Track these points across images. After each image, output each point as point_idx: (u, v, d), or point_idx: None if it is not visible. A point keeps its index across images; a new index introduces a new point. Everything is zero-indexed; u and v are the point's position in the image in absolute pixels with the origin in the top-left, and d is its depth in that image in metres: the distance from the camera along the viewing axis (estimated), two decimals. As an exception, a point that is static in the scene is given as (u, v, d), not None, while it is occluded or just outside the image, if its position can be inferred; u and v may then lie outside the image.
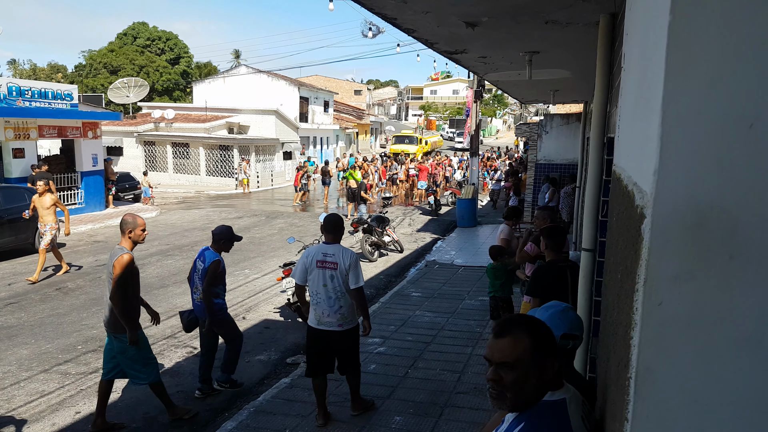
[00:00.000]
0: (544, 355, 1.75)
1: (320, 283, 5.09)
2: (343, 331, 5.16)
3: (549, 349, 1.78)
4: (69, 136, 18.15)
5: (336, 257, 5.11)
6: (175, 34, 57.73)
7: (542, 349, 1.75)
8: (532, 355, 1.72)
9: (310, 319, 5.25)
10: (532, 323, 1.83)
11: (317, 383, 5.28)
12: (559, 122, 16.05)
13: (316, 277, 5.11)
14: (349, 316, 5.17)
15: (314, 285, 5.13)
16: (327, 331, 5.14)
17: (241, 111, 32.49)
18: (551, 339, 1.83)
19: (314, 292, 5.14)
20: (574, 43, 5.16)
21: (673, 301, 1.16)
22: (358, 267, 5.15)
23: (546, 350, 1.76)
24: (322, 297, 5.09)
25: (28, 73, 56.73)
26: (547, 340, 1.80)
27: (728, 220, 1.10)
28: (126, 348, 5.28)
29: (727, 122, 1.08)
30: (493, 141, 64.84)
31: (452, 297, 9.99)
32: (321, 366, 5.25)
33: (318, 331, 5.18)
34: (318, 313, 5.14)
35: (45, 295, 9.71)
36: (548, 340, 1.81)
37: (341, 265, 5.08)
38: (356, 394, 5.50)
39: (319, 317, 5.15)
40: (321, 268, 5.10)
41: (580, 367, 3.80)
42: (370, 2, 3.69)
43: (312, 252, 5.21)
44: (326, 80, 61.60)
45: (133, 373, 5.38)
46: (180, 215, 19.27)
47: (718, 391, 1.14)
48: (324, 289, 5.08)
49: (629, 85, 2.06)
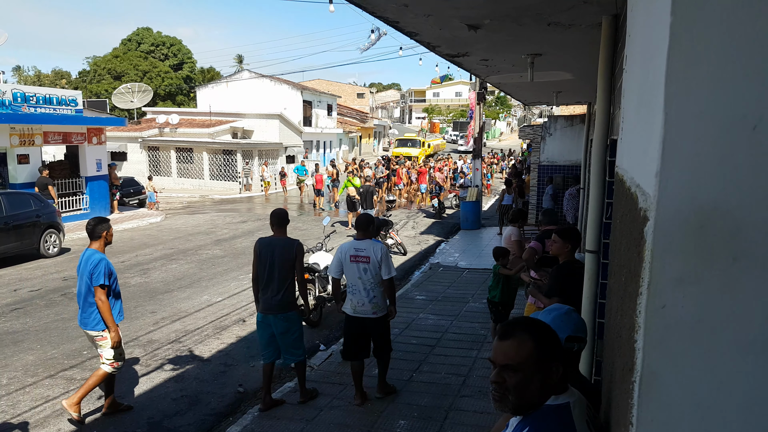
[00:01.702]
0: (548, 359, 1.73)
1: (355, 276, 5.60)
2: (377, 318, 5.66)
3: (553, 353, 1.76)
4: (74, 141, 18.22)
5: (368, 251, 5.58)
6: (178, 40, 57.99)
7: (546, 352, 1.73)
8: (537, 358, 1.71)
9: (345, 307, 5.74)
10: (537, 326, 1.82)
11: (355, 367, 5.75)
12: (562, 124, 16.03)
13: (351, 271, 5.62)
14: (381, 304, 5.68)
15: (350, 278, 5.66)
16: (363, 318, 5.64)
17: (244, 115, 32.57)
18: (556, 342, 1.81)
19: (350, 284, 5.67)
20: (577, 45, 5.15)
21: (677, 304, 1.15)
22: (388, 259, 5.65)
23: (550, 353, 1.75)
24: (358, 288, 5.60)
25: (32, 80, 57.03)
26: (551, 343, 1.78)
27: (731, 222, 1.09)
28: (290, 327, 5.69)
29: (730, 124, 1.07)
30: (497, 143, 64.80)
31: (456, 300, 9.97)
32: (357, 350, 5.73)
33: (354, 318, 5.68)
34: (354, 302, 5.64)
35: (50, 300, 9.73)
36: (553, 343, 1.79)
37: (373, 258, 5.56)
38: (383, 378, 5.98)
39: (354, 306, 5.65)
40: (355, 262, 5.60)
41: (586, 371, 3.78)
42: (372, 6, 3.70)
43: (345, 248, 5.70)
44: (329, 84, 61.72)
45: (292, 351, 5.75)
46: (184, 220, 19.32)
47: (724, 394, 1.13)
48: (359, 281, 5.59)
49: (631, 86, 2.05)
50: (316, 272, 8.53)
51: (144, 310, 9.12)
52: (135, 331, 8.17)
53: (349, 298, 5.71)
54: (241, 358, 7.33)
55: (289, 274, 5.62)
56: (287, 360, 5.81)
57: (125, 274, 11.56)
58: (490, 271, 10.07)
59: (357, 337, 5.72)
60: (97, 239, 5.47)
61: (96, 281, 5.28)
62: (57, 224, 13.72)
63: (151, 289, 10.41)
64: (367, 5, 3.66)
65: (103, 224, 5.49)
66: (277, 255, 5.57)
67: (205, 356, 7.37)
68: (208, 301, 9.71)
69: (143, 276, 11.40)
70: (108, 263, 5.40)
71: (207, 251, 13.98)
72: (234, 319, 8.80)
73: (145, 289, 10.33)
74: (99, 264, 5.30)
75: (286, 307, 5.62)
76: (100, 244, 5.47)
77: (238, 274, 11.63)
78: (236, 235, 16.29)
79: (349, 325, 5.75)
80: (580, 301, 4.06)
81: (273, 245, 5.61)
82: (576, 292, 4.15)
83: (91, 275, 5.30)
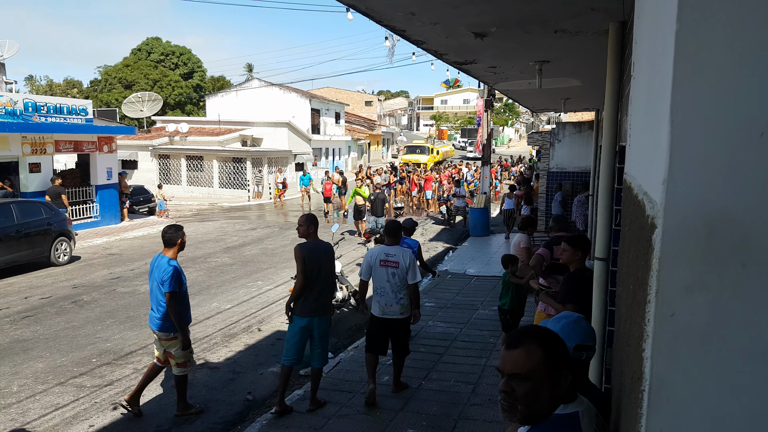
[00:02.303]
0: (556, 367, 1.71)
1: (384, 279, 5.89)
2: (402, 319, 6.03)
3: (562, 361, 1.74)
4: (84, 150, 18.38)
5: (397, 257, 5.91)
6: (188, 49, 58.42)
7: (555, 361, 1.71)
8: (545, 367, 1.69)
9: (373, 309, 6.05)
10: (545, 334, 1.80)
11: (370, 359, 6.03)
12: (571, 130, 16.00)
13: (380, 274, 5.91)
14: (407, 306, 5.99)
15: (379, 281, 5.93)
16: (390, 319, 5.97)
17: (253, 124, 32.74)
18: (564, 351, 1.79)
19: (379, 287, 5.94)
20: (585, 51, 5.14)
21: (685, 312, 1.14)
22: (415, 265, 5.99)
23: (559, 362, 1.72)
24: (386, 290, 5.91)
25: (44, 89, 57.62)
26: (560, 352, 1.76)
27: (740, 228, 1.08)
28: (328, 330, 5.96)
29: (737, 131, 1.07)
30: (505, 150, 64.72)
31: (465, 307, 9.94)
32: (378, 346, 6.06)
33: (381, 320, 6.00)
34: (382, 304, 5.95)
35: (60, 308, 9.79)
36: (561, 352, 1.77)
37: (402, 263, 5.87)
38: (398, 377, 6.32)
39: (383, 308, 5.95)
40: (384, 266, 5.90)
41: (596, 379, 3.76)
42: (379, 15, 3.72)
43: (375, 253, 6.00)
44: (337, 92, 61.93)
45: (323, 354, 5.91)
46: (194, 227, 19.40)
47: (734, 403, 1.11)
48: (387, 284, 5.89)
49: (639, 93, 2.05)
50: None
51: (153, 317, 9.15)
52: (144, 338, 8.19)
53: (376, 300, 5.98)
54: (250, 366, 7.33)
55: (333, 277, 5.89)
56: (315, 363, 5.89)
57: (135, 281, 11.62)
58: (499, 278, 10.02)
59: (380, 336, 6.05)
60: (172, 246, 5.68)
61: (166, 288, 5.46)
62: (68, 232, 13.81)
63: (160, 296, 10.45)
64: (374, 14, 3.69)
65: (178, 232, 5.71)
66: (324, 259, 5.75)
67: (213, 364, 7.38)
68: (217, 309, 9.73)
69: (153, 284, 11.44)
70: (180, 271, 5.60)
71: (216, 259, 14.02)
72: (243, 327, 8.82)
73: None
74: (170, 272, 5.49)
75: (328, 310, 5.92)
76: (174, 252, 5.68)
77: (247, 282, 11.66)
78: (245, 242, 16.34)
79: (375, 324, 6.05)
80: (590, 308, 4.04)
81: (318, 250, 5.76)
82: (589, 299, 4.14)
83: (162, 282, 5.49)
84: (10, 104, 15.99)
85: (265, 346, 8.06)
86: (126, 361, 7.42)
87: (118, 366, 7.24)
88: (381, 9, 3.61)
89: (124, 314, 9.37)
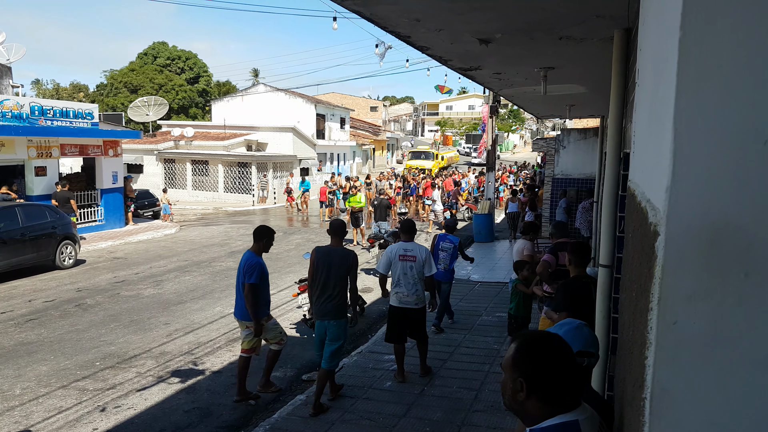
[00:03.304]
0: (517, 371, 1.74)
1: (402, 272, 6.49)
2: (418, 309, 6.61)
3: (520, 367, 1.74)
4: (90, 154, 18.47)
5: (415, 252, 6.52)
6: (194, 54, 58.64)
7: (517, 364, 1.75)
8: (510, 365, 1.78)
9: (392, 300, 6.62)
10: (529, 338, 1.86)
11: (398, 348, 6.68)
12: (576, 137, 15.97)
13: (398, 267, 6.50)
14: (422, 297, 6.62)
15: (397, 273, 6.51)
16: (406, 308, 6.55)
17: (259, 128, 32.82)
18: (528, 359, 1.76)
19: (397, 279, 6.52)
20: (590, 58, 5.14)
21: (688, 320, 1.14)
22: (431, 259, 6.61)
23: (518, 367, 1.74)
24: (403, 282, 6.49)
25: (51, 93, 57.94)
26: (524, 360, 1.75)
27: (743, 237, 1.08)
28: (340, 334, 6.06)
29: (741, 139, 1.07)
30: (510, 156, 64.69)
31: (469, 313, 9.92)
32: (398, 335, 6.63)
33: (399, 309, 6.58)
34: (400, 295, 6.53)
35: (64, 311, 9.81)
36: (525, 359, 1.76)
37: (419, 258, 6.49)
38: (424, 360, 6.91)
39: (400, 298, 6.54)
40: (403, 260, 6.50)
41: (599, 386, 3.74)
42: (384, 21, 3.73)
43: (394, 249, 6.59)
44: (342, 97, 62.06)
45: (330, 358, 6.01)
46: (199, 231, 19.44)
47: (737, 412, 1.11)
48: (405, 276, 6.48)
49: (643, 100, 2.05)
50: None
51: (157, 321, 9.17)
52: (148, 342, 8.20)
53: (395, 291, 6.55)
54: (253, 371, 7.31)
55: (344, 282, 5.93)
56: (323, 363, 5.99)
57: (139, 285, 11.65)
58: (503, 284, 9.97)
59: (399, 324, 6.59)
60: (257, 242, 6.30)
61: (247, 279, 6.06)
62: (73, 236, 13.87)
63: (164, 300, 10.47)
64: (379, 21, 3.70)
65: (266, 232, 6.34)
66: (334, 264, 5.88)
67: (216, 368, 7.38)
68: (220, 313, 9.74)
69: (157, 287, 11.47)
70: (263, 267, 6.23)
71: (220, 263, 14.04)
72: (246, 332, 8.81)
73: (159, 301, 10.39)
74: (254, 266, 6.12)
75: (339, 314, 5.96)
76: (258, 248, 6.30)
77: (251, 286, 11.66)
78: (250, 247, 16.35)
79: (394, 314, 6.62)
80: (587, 316, 4.03)
81: (330, 254, 5.95)
82: (585, 307, 4.12)
83: (245, 274, 6.09)
84: (16, 108, 16.10)
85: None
86: (129, 364, 7.42)
87: (121, 369, 7.25)
88: (386, 15, 3.62)
89: (128, 318, 9.38)
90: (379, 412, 5.89)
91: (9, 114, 15.79)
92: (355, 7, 3.37)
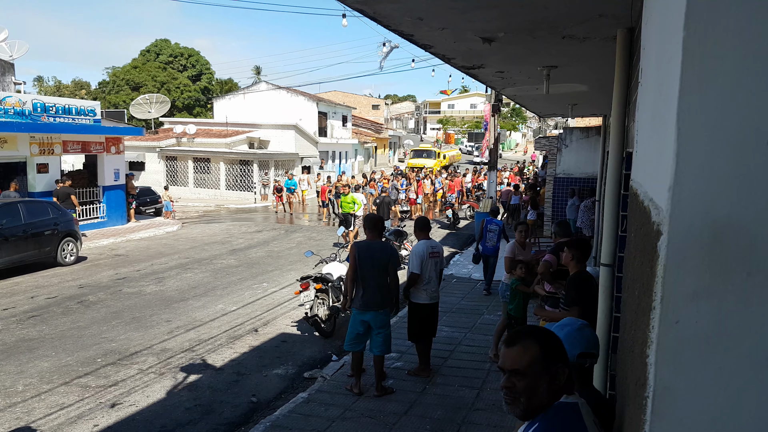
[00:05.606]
0: (553, 362, 1.81)
1: (432, 269, 6.68)
2: (437, 303, 6.90)
3: (558, 356, 1.84)
4: (92, 151, 18.48)
5: (438, 248, 6.82)
6: (197, 51, 58.63)
7: (551, 356, 1.82)
8: (542, 362, 1.80)
9: (420, 298, 6.66)
10: (541, 332, 1.92)
11: (422, 347, 6.84)
12: (578, 136, 15.96)
13: (430, 265, 6.65)
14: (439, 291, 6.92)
15: (429, 271, 6.65)
16: (433, 303, 6.78)
17: (261, 126, 32.83)
18: (559, 346, 1.89)
19: (428, 277, 6.65)
20: (592, 57, 5.14)
21: (690, 319, 1.14)
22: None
23: (555, 357, 1.83)
24: (433, 278, 6.70)
25: (53, 90, 57.98)
26: (555, 347, 1.86)
27: (746, 236, 1.08)
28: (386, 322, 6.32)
29: (744, 138, 1.07)
30: (512, 155, 64.65)
31: (470, 312, 9.93)
32: (424, 332, 6.79)
33: (429, 305, 6.73)
34: (429, 291, 6.69)
35: (66, 308, 9.83)
36: (556, 347, 1.87)
37: (441, 253, 6.84)
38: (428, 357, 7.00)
39: (430, 294, 6.71)
40: (432, 257, 6.67)
41: (600, 385, 3.74)
42: (387, 20, 3.73)
43: (423, 248, 6.64)
44: (344, 95, 62.01)
45: (382, 344, 6.25)
46: (201, 229, 19.46)
47: (738, 410, 1.11)
48: (434, 272, 6.71)
49: (646, 100, 2.05)
50: (330, 282, 8.54)
51: (159, 318, 9.18)
52: (150, 339, 8.22)
53: (424, 289, 6.64)
54: (254, 368, 7.34)
55: (385, 274, 6.14)
56: (375, 351, 6.24)
57: (141, 282, 11.66)
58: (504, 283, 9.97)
59: (425, 320, 6.72)
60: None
61: None
62: (75, 232, 13.88)
63: (166, 297, 10.48)
64: (382, 19, 3.70)
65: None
66: (376, 257, 6.08)
67: (218, 365, 7.39)
68: (222, 311, 9.76)
69: (159, 284, 11.48)
70: None
71: (222, 260, 14.05)
72: (248, 329, 8.83)
73: (160, 298, 10.40)
74: None
75: (384, 304, 6.18)
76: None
77: (252, 284, 11.68)
78: (251, 244, 16.37)
79: (421, 311, 6.70)
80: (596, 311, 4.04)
81: (371, 248, 6.15)
82: (593, 302, 4.14)
83: None
84: (18, 104, 16.10)
85: (270, 348, 8.07)
86: (131, 361, 7.44)
87: (123, 366, 7.26)
88: (388, 13, 3.62)
89: (129, 315, 9.40)
90: (380, 409, 5.91)
91: (11, 111, 15.79)
92: (358, 5, 3.37)
